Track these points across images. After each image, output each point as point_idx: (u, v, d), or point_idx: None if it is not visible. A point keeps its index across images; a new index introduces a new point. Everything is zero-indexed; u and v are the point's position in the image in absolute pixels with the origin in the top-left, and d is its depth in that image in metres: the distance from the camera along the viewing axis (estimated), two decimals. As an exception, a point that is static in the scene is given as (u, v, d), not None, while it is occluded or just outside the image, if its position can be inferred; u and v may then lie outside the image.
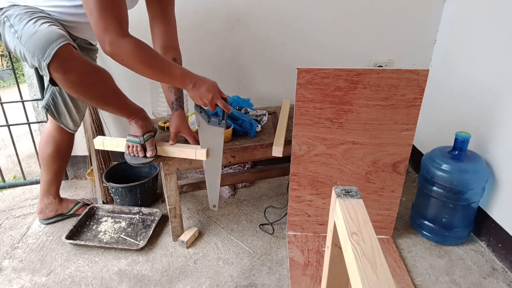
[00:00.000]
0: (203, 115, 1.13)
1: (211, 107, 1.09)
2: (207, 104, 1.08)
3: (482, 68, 1.39)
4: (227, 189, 1.70)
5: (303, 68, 1.11)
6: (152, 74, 1.03)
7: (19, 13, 1.04)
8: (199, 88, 1.06)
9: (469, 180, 1.24)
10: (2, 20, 1.07)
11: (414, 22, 1.69)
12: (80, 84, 1.04)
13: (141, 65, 0.99)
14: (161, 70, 1.03)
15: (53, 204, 1.49)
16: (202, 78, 1.08)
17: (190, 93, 1.08)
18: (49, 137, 1.37)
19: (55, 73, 0.98)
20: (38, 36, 0.98)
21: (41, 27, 1.00)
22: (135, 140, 1.20)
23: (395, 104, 1.15)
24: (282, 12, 1.63)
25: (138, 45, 0.97)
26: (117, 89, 1.15)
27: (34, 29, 1.00)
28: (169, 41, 1.24)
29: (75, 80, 1.02)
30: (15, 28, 1.03)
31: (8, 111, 1.76)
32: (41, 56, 0.96)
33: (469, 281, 1.21)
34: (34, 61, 0.99)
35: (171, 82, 1.11)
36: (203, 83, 1.06)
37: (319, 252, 1.31)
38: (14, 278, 1.24)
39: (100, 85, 1.09)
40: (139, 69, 1.01)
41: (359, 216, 0.64)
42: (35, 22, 1.02)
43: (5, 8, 1.07)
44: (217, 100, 1.08)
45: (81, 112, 1.36)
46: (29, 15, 1.04)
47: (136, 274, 1.24)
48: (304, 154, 1.24)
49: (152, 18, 1.23)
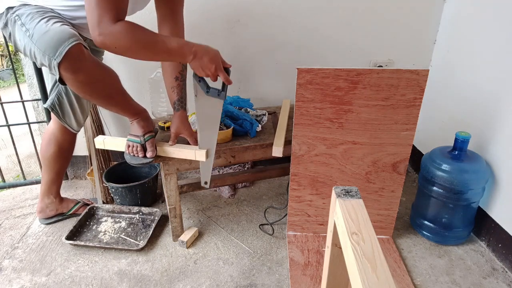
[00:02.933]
0: (201, 84, 1.08)
1: (213, 78, 1.04)
2: (209, 75, 1.04)
3: (482, 68, 1.39)
4: (227, 189, 1.70)
5: (303, 68, 1.11)
6: (149, 54, 1.00)
7: (31, 12, 1.05)
8: (201, 58, 1.01)
9: (469, 180, 1.24)
10: (13, 18, 1.07)
11: (414, 22, 1.69)
12: (88, 84, 1.04)
13: (135, 47, 0.96)
14: (156, 47, 0.98)
15: (54, 203, 1.49)
16: (203, 47, 1.02)
17: (191, 64, 1.03)
18: (52, 137, 1.37)
19: (65, 72, 0.98)
20: (50, 35, 0.98)
21: (53, 26, 1.00)
22: (136, 140, 1.20)
23: (395, 104, 1.15)
24: (282, 12, 1.63)
25: (129, 28, 0.94)
26: (123, 90, 1.16)
27: (46, 27, 1.00)
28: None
29: (84, 80, 1.02)
30: (27, 26, 1.03)
31: (8, 111, 1.76)
32: (52, 54, 0.96)
33: (469, 281, 1.21)
34: (44, 60, 0.99)
35: (170, 58, 1.06)
36: (205, 53, 1.01)
37: (319, 252, 1.31)
38: (14, 278, 1.24)
39: (107, 85, 1.10)
40: (134, 52, 0.97)
41: (359, 216, 0.64)
42: (47, 21, 1.02)
43: (16, 7, 1.08)
44: (219, 71, 1.03)
45: (85, 112, 1.36)
46: (41, 14, 1.04)
47: (136, 274, 1.24)
48: (304, 154, 1.24)
49: (160, 18, 1.22)
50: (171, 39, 1.02)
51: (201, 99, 1.10)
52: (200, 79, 1.08)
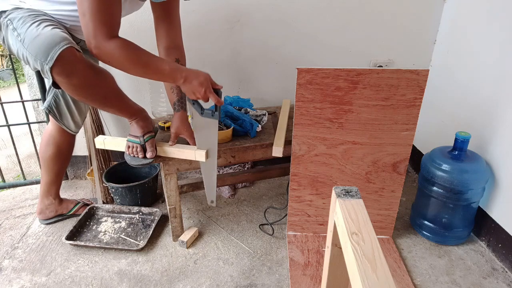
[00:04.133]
0: (196, 106, 1.12)
1: (204, 100, 1.08)
2: (200, 97, 1.07)
3: (482, 68, 1.39)
4: (227, 189, 1.70)
5: (303, 68, 1.11)
6: (141, 73, 1.03)
7: (22, 16, 1.04)
8: (191, 82, 1.04)
9: (469, 180, 1.24)
10: (5, 23, 1.06)
11: (414, 22, 1.69)
12: (83, 86, 1.04)
13: (128, 65, 0.99)
14: (148, 68, 1.01)
15: (53, 204, 1.49)
16: (194, 71, 1.06)
17: (182, 87, 1.07)
18: (50, 138, 1.37)
19: (58, 76, 0.98)
20: (40, 40, 0.97)
21: (43, 30, 1.00)
22: (136, 140, 1.20)
23: (395, 104, 1.15)
24: (282, 12, 1.63)
25: (123, 46, 0.96)
26: (119, 90, 1.15)
27: (36, 32, 0.99)
28: (172, 42, 1.24)
29: (78, 83, 1.02)
30: (18, 31, 1.02)
31: (8, 111, 1.76)
32: (43, 59, 0.96)
33: (469, 281, 1.21)
34: (36, 64, 0.98)
35: (161, 79, 1.10)
36: (195, 77, 1.04)
37: (319, 252, 1.31)
38: (14, 278, 1.24)
39: (102, 87, 1.09)
40: (126, 69, 1.00)
41: (359, 216, 0.64)
42: (38, 25, 1.01)
43: (8, 11, 1.07)
44: (209, 94, 1.06)
45: (83, 114, 1.36)
46: (32, 18, 1.03)
47: (136, 274, 1.24)
48: (304, 154, 1.24)
49: (156, 19, 1.23)
50: (164, 62, 1.05)
51: (196, 119, 1.14)
52: (194, 102, 1.12)
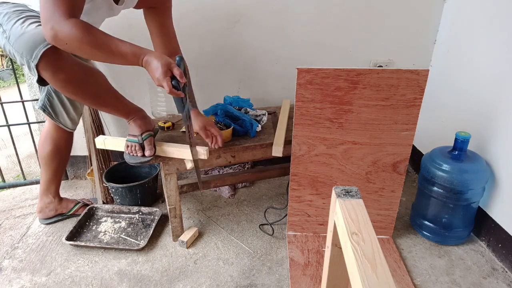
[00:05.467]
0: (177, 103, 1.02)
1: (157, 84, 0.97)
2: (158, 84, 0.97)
3: (482, 68, 1.39)
4: (227, 189, 1.70)
5: (303, 68, 1.11)
6: (100, 55, 0.96)
7: (8, 12, 1.04)
8: (149, 65, 0.95)
9: (469, 180, 1.24)
10: None
11: (414, 22, 1.69)
12: (70, 82, 1.04)
13: (85, 47, 0.93)
14: (107, 49, 0.94)
15: (53, 203, 1.49)
16: (154, 54, 0.96)
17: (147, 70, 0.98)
18: (48, 136, 1.37)
19: (44, 72, 0.99)
20: (25, 38, 0.98)
21: (28, 28, 1.00)
22: (134, 139, 1.20)
23: (395, 104, 1.15)
24: (282, 12, 1.63)
25: (81, 26, 0.91)
26: (112, 89, 1.15)
27: (21, 30, 1.00)
28: (169, 51, 1.26)
29: (65, 79, 1.02)
30: (4, 27, 1.03)
31: (8, 111, 1.76)
32: (29, 57, 0.97)
33: (469, 281, 1.21)
34: (23, 61, 1.00)
35: (125, 62, 0.98)
36: (152, 61, 0.94)
37: (319, 252, 1.31)
38: (14, 278, 1.24)
39: (91, 84, 1.09)
40: (84, 51, 0.95)
41: (359, 216, 0.64)
42: (23, 22, 1.02)
43: None
44: (162, 81, 0.94)
45: (78, 110, 1.36)
46: (17, 15, 1.04)
47: (136, 274, 1.24)
48: (304, 154, 1.24)
49: (150, 31, 1.25)
50: (125, 44, 0.96)
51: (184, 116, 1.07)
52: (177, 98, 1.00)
